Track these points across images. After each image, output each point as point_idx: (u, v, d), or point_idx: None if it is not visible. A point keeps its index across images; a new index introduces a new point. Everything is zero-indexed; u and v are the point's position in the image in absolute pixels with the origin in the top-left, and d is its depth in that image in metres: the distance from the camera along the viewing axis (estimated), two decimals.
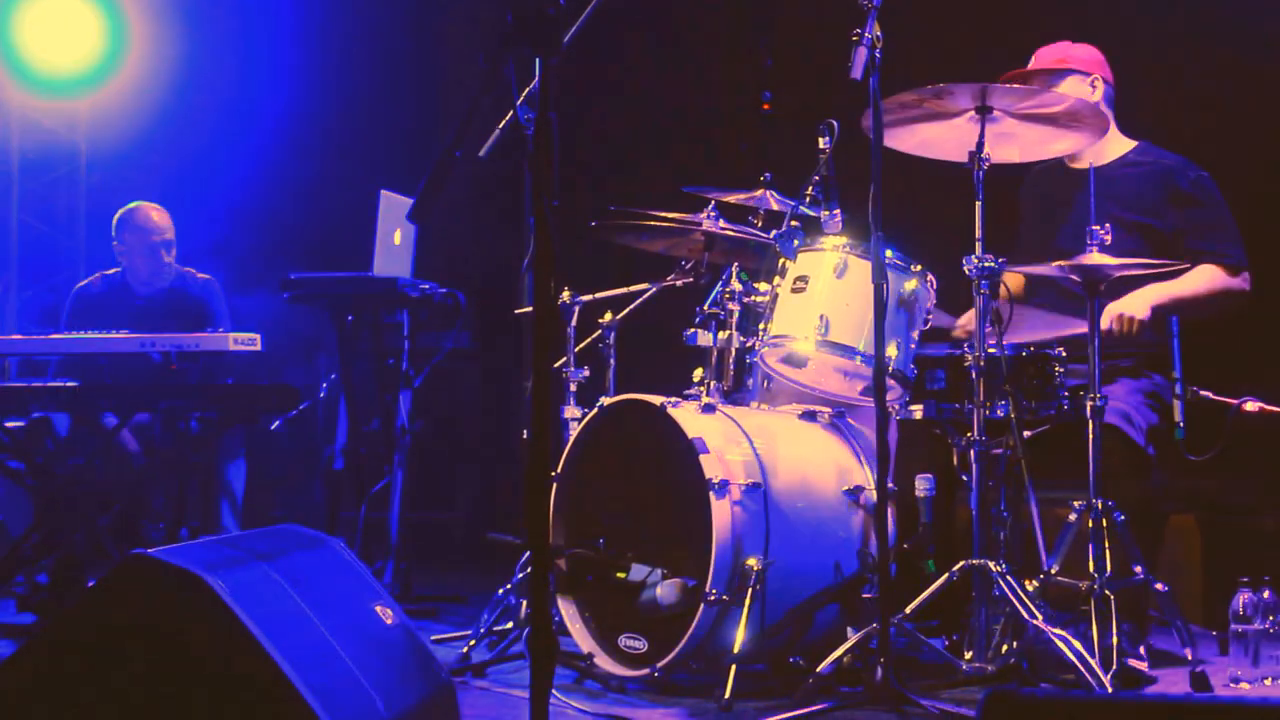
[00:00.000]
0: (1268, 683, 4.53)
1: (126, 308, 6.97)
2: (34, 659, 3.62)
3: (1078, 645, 4.38)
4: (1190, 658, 4.73)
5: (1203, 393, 5.01)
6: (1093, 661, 4.34)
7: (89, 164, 9.49)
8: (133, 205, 7.18)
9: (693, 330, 5.15)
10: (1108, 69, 5.51)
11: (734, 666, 4.46)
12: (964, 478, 4.75)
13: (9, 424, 6.23)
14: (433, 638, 5.34)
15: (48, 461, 6.18)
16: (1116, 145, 5.47)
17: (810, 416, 5.09)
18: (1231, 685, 4.58)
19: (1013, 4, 7.14)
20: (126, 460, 6.62)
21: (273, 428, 8.22)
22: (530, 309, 3.26)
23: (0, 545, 6.34)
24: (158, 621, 3.54)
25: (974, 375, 4.69)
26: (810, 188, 5.00)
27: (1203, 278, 5.29)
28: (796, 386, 5.17)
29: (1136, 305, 5.14)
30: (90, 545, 6.06)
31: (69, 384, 6.17)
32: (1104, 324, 5.02)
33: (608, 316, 5.54)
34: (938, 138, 4.92)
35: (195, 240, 7.75)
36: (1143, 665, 4.69)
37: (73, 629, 3.62)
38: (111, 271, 7.27)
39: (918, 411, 4.88)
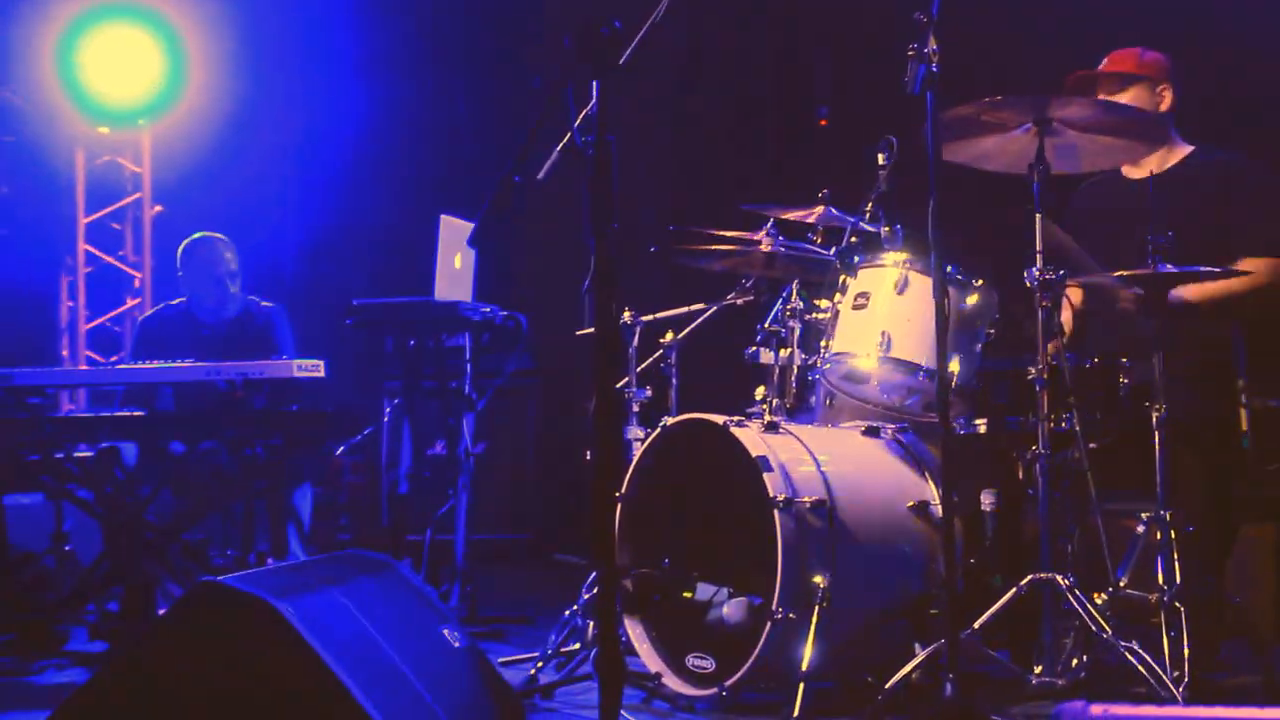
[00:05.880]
0: None
1: (192, 337, 7.03)
2: (107, 686, 3.66)
3: (1148, 658, 4.35)
4: (1263, 670, 4.68)
5: (1270, 401, 4.96)
6: (1164, 675, 4.31)
7: (154, 194, 9.58)
8: (197, 236, 7.25)
9: (754, 348, 5.16)
10: (1176, 77, 5.46)
11: (802, 684, 4.45)
12: (1030, 491, 4.73)
13: (78, 453, 6.28)
14: (500, 659, 5.34)
15: (116, 490, 6.22)
16: (1175, 152, 5.42)
17: (874, 433, 5.07)
18: None
19: (1070, 17, 7.11)
20: (194, 488, 6.67)
21: (338, 453, 8.26)
22: (592, 330, 3.28)
23: (71, 574, 6.38)
24: (228, 648, 3.57)
25: (1038, 388, 4.66)
26: (869, 204, 5.00)
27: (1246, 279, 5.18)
28: (859, 403, 5.15)
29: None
30: (160, 573, 6.10)
31: (136, 413, 6.22)
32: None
33: (669, 336, 5.55)
34: (996, 150, 4.91)
35: (259, 268, 7.80)
36: (1215, 677, 4.65)
37: (145, 656, 3.65)
38: (176, 301, 7.34)
39: (982, 426, 4.86)
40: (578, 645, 5.27)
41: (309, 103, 9.43)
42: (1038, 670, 4.59)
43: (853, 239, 4.93)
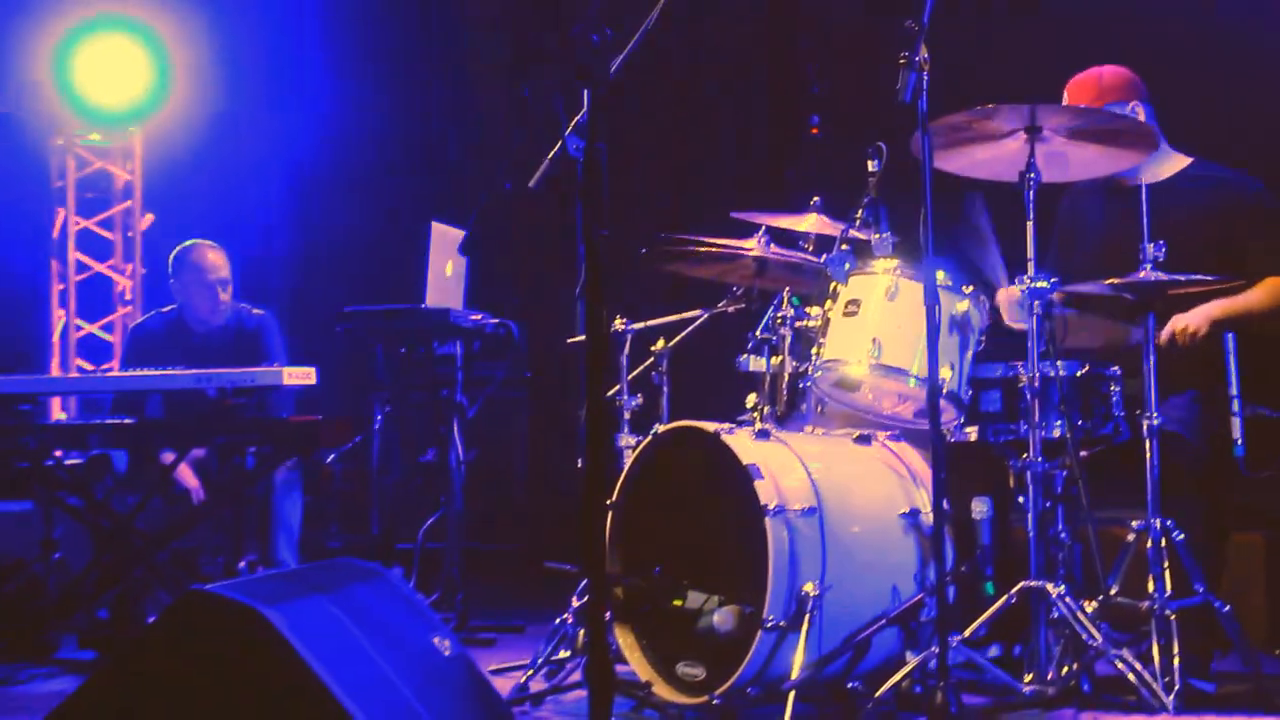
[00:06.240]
0: None
1: (183, 345, 7.01)
2: (96, 695, 3.65)
3: (1139, 666, 4.35)
4: (1254, 678, 4.68)
5: (1261, 410, 4.96)
6: (1154, 683, 4.31)
7: (144, 202, 9.56)
8: (188, 243, 7.22)
9: (745, 356, 5.15)
10: (1144, 89, 5.45)
11: (792, 693, 4.44)
12: (1021, 499, 4.73)
13: (68, 461, 6.27)
14: (490, 668, 5.34)
15: (106, 498, 6.22)
16: (1170, 162, 5.41)
17: (865, 440, 5.06)
18: None
19: (1059, 23, 7.12)
20: (184, 496, 6.66)
21: (328, 460, 8.25)
22: (583, 337, 3.28)
23: (60, 582, 6.37)
24: (218, 656, 3.56)
25: (1029, 396, 4.67)
26: (860, 211, 5.00)
27: (1267, 291, 5.21)
28: (850, 410, 5.15)
29: (1195, 318, 5.08)
30: (149, 581, 6.10)
31: (126, 421, 6.21)
32: (1162, 337, 4.99)
33: (660, 344, 5.55)
34: (987, 158, 4.91)
35: (250, 275, 7.79)
36: (1205, 686, 4.65)
37: (134, 664, 3.65)
38: (168, 309, 7.32)
39: (973, 433, 4.86)
40: (568, 653, 5.26)
41: (300, 110, 9.42)
42: (1029, 679, 4.59)
43: (844, 246, 4.93)
